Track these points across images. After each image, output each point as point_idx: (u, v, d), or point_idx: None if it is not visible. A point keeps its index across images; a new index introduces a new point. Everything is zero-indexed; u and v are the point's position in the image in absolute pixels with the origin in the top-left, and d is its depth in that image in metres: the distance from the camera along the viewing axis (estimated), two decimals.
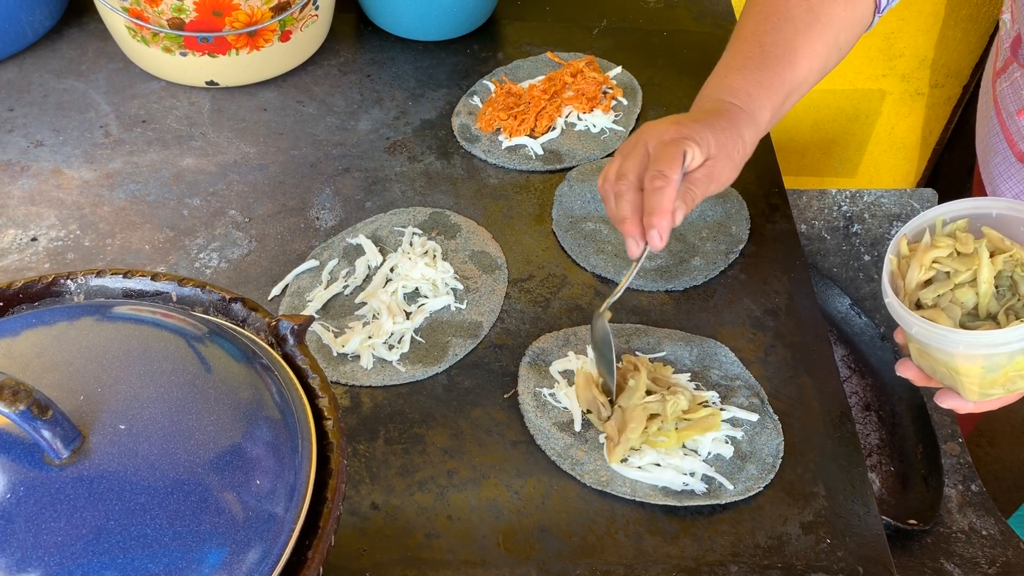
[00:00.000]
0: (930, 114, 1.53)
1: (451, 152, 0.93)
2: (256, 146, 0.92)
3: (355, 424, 0.71)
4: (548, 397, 0.73)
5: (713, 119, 0.69)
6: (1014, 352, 0.58)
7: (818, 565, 0.65)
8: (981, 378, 0.60)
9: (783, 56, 0.72)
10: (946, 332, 0.59)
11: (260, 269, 0.81)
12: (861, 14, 0.74)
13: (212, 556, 0.42)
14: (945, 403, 0.65)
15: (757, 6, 0.75)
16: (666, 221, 0.65)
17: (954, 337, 0.59)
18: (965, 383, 0.62)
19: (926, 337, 0.60)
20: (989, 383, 0.61)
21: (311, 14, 0.96)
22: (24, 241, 0.82)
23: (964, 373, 0.61)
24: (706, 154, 0.67)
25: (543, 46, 1.05)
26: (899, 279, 0.64)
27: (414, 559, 0.64)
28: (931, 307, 0.62)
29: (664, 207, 0.64)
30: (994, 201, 0.64)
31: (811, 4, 0.72)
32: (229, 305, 0.56)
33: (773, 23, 0.73)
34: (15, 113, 0.93)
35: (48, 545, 0.40)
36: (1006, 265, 0.61)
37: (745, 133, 0.70)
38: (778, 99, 0.72)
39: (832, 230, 1.18)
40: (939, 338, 0.60)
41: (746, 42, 0.74)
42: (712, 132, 0.67)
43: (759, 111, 0.71)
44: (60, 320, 0.50)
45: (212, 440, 0.45)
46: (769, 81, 0.71)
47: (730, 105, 0.71)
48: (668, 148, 0.66)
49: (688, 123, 0.68)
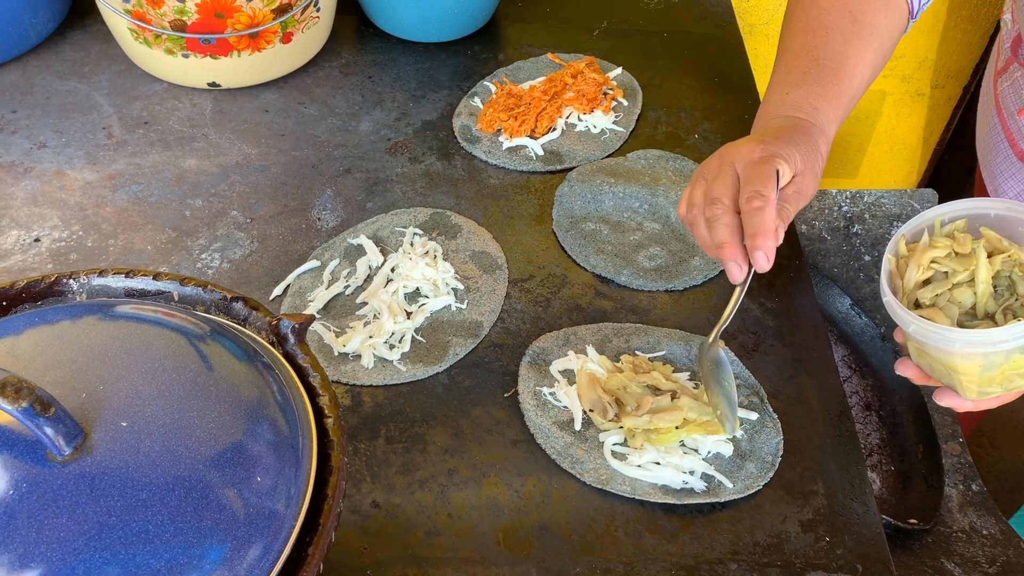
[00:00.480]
0: (930, 115, 1.53)
1: (452, 153, 0.94)
2: (258, 147, 0.93)
3: (356, 423, 0.72)
4: (548, 396, 0.73)
5: (792, 135, 0.69)
6: (1011, 350, 0.59)
7: (817, 563, 0.65)
8: (979, 376, 0.61)
9: (838, 68, 0.72)
10: (943, 330, 0.59)
11: (262, 269, 0.82)
12: (899, 20, 0.75)
13: (213, 552, 0.43)
14: (944, 401, 0.65)
15: (801, 22, 0.75)
16: (771, 241, 0.64)
17: (950, 335, 0.59)
18: (963, 381, 0.62)
19: (923, 336, 0.61)
20: (987, 381, 0.61)
21: (312, 16, 0.97)
22: (27, 242, 0.82)
23: (962, 372, 0.61)
24: (794, 170, 0.67)
25: (543, 47, 1.06)
26: (897, 279, 0.64)
27: (415, 557, 0.64)
28: (929, 307, 0.63)
29: (767, 227, 0.63)
30: (993, 201, 0.64)
31: (855, 15, 0.73)
32: (230, 304, 0.56)
33: (822, 37, 0.73)
34: (18, 115, 0.94)
35: (50, 541, 0.40)
36: (1004, 265, 0.62)
37: (821, 146, 0.70)
38: (841, 110, 0.73)
39: (833, 230, 1.19)
40: (936, 336, 0.60)
41: (799, 57, 0.74)
42: (796, 148, 0.67)
43: (827, 124, 0.71)
44: (62, 319, 0.50)
45: (213, 437, 0.45)
46: (831, 94, 0.72)
47: (801, 120, 0.71)
48: (760, 167, 0.65)
49: (773, 141, 0.67)
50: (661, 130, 0.97)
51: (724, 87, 1.03)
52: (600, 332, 0.78)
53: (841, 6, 0.74)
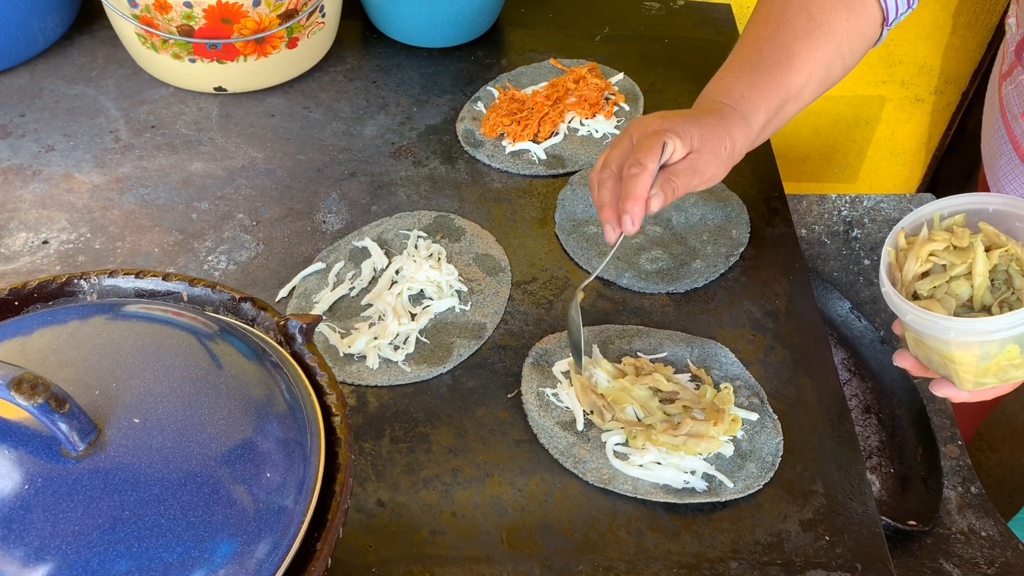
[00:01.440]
0: (930, 120, 1.54)
1: (455, 157, 0.94)
2: (263, 151, 0.94)
3: (361, 423, 0.72)
4: (551, 397, 0.74)
5: (702, 116, 0.71)
6: (1005, 340, 0.59)
7: (817, 562, 0.66)
8: (974, 367, 0.61)
9: (781, 61, 0.73)
10: (939, 319, 0.60)
11: (267, 272, 0.83)
12: (865, 24, 0.75)
13: (224, 547, 0.43)
14: (940, 392, 0.66)
15: (760, 13, 0.76)
16: (638, 207, 0.67)
17: (946, 324, 0.60)
18: (959, 371, 0.63)
19: (920, 325, 0.61)
20: (982, 372, 0.62)
21: (318, 21, 0.98)
22: (35, 244, 0.83)
23: (958, 361, 0.62)
24: (689, 147, 0.69)
25: (546, 53, 1.07)
26: (896, 271, 0.65)
27: (419, 555, 0.65)
28: (927, 298, 0.63)
29: (637, 193, 0.66)
30: (991, 196, 0.65)
31: (812, 12, 0.74)
32: (239, 304, 0.57)
33: (773, 29, 0.74)
34: (27, 118, 0.95)
35: (65, 534, 0.41)
36: (1001, 259, 0.63)
37: (735, 132, 0.71)
38: (773, 102, 0.73)
39: (832, 235, 1.19)
40: (933, 325, 0.61)
41: (745, 48, 0.75)
42: (697, 127, 0.69)
43: (752, 112, 0.72)
44: (74, 318, 0.51)
45: (224, 434, 0.46)
46: (764, 84, 0.73)
47: (722, 105, 0.72)
48: (649, 139, 0.68)
49: (673, 117, 0.70)
50: None
51: None
52: (602, 334, 0.78)
53: (800, 3, 0.74)
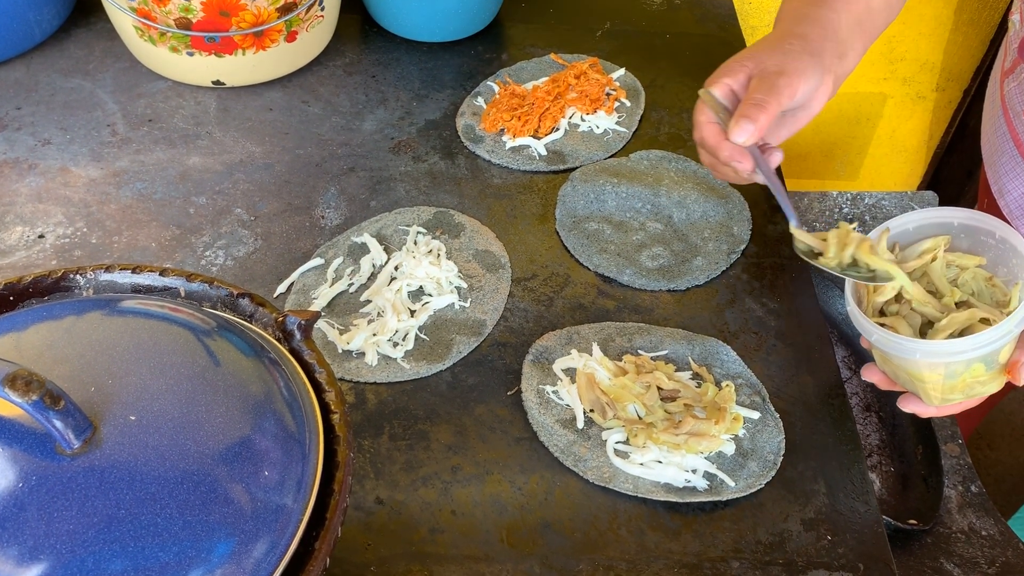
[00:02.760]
0: (931, 117, 1.53)
1: (455, 152, 0.94)
2: (262, 145, 0.93)
3: (360, 420, 0.72)
4: (551, 394, 0.73)
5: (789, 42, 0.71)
6: (971, 360, 0.60)
7: (819, 561, 0.66)
8: (941, 385, 0.62)
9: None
10: (904, 341, 0.61)
11: (266, 267, 0.82)
12: None
13: (221, 546, 0.43)
14: (908, 407, 0.67)
15: None
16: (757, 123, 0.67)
17: (912, 346, 0.61)
18: (926, 389, 0.63)
19: (885, 346, 0.62)
20: (948, 389, 0.63)
21: (317, 15, 0.97)
22: (31, 238, 0.83)
23: (925, 380, 0.63)
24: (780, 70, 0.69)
25: (547, 48, 1.06)
26: (862, 288, 0.66)
27: (418, 553, 0.65)
28: (894, 315, 0.64)
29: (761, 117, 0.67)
30: (954, 211, 0.66)
31: None
32: (237, 300, 0.56)
33: None
34: (23, 111, 0.94)
35: (60, 533, 0.40)
36: (948, 270, 0.64)
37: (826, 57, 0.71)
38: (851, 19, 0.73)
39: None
40: (898, 347, 0.61)
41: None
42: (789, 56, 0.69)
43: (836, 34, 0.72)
44: (70, 314, 0.51)
45: (221, 432, 0.45)
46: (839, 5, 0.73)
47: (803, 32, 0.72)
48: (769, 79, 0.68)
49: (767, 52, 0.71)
50: (663, 131, 0.98)
51: None
52: (603, 331, 0.78)
53: None
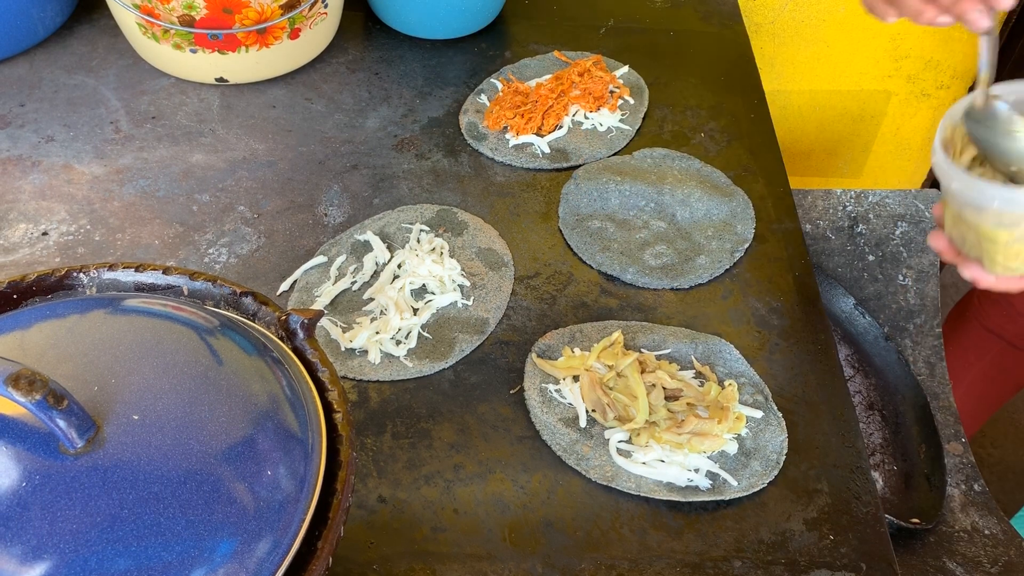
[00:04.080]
0: (935, 115, 1.53)
1: (458, 150, 0.94)
2: (265, 143, 0.93)
3: (362, 418, 0.72)
4: (554, 393, 0.73)
5: None
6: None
7: (821, 561, 0.66)
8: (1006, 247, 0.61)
9: None
10: (985, 186, 0.60)
11: (269, 265, 0.82)
12: None
13: (224, 546, 0.43)
14: (968, 272, 0.65)
15: None
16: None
17: (991, 192, 0.59)
18: (994, 252, 0.62)
19: (965, 193, 0.61)
20: (1014, 255, 0.62)
21: (320, 12, 0.97)
22: (35, 235, 0.83)
23: (995, 239, 0.61)
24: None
25: (550, 45, 1.06)
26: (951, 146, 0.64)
27: (420, 552, 0.65)
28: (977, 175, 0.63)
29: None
30: None
31: None
32: (240, 299, 0.56)
33: None
34: (26, 108, 0.94)
35: (63, 532, 0.40)
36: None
37: None
38: None
39: (837, 230, 1.19)
40: (978, 193, 0.60)
41: None
42: None
43: None
44: (73, 313, 0.51)
45: (224, 431, 0.45)
46: None
47: None
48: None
49: None
50: (667, 128, 0.97)
51: (730, 86, 1.03)
52: (606, 330, 0.78)
53: None
